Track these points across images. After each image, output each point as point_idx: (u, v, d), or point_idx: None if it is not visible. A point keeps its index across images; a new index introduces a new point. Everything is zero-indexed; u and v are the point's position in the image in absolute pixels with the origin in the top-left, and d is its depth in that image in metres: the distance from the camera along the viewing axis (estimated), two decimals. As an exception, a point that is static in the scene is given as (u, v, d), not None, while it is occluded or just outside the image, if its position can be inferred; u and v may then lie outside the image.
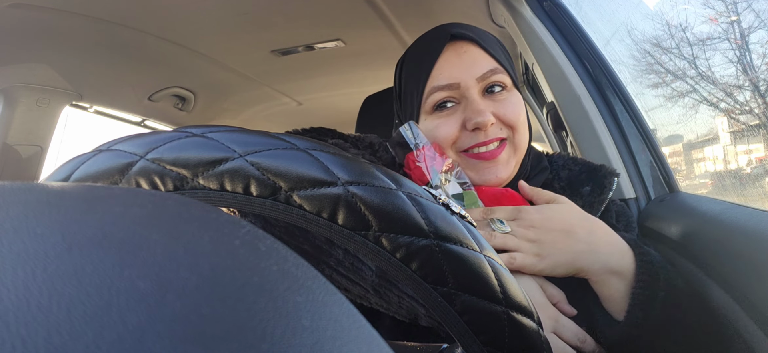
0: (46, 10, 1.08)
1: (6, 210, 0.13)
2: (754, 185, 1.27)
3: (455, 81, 0.66)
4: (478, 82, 0.67)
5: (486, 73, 0.66)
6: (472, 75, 0.66)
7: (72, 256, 0.11)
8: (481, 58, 0.68)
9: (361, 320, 0.14)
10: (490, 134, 0.66)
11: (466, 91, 0.66)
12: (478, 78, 0.67)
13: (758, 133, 1.25)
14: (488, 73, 0.67)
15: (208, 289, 0.11)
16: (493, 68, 0.67)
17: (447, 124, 0.67)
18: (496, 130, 0.66)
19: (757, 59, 1.16)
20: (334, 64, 1.58)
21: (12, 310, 0.09)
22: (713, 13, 1.23)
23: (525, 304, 0.25)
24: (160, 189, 0.24)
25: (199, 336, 0.10)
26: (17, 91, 1.37)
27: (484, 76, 0.66)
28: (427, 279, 0.24)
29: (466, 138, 0.66)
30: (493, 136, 0.66)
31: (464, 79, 0.66)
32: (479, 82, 0.67)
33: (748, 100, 1.21)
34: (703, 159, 1.42)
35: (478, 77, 0.66)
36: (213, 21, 1.24)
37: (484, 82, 0.67)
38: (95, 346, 0.09)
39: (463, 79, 0.66)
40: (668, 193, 0.88)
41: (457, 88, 0.67)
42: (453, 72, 0.67)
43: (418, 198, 0.24)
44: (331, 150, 0.25)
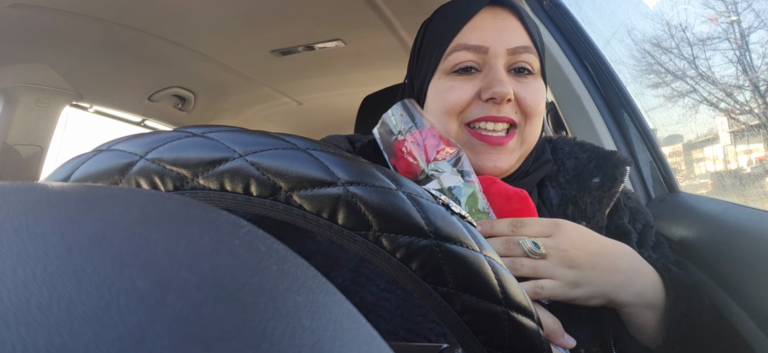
0: (46, 10, 1.08)
1: (6, 210, 0.13)
2: (754, 185, 1.27)
3: (485, 44, 0.60)
4: (508, 54, 0.61)
5: (519, 47, 0.61)
6: (504, 44, 0.60)
7: (72, 256, 0.11)
8: (518, 31, 0.62)
9: (361, 320, 0.14)
10: (503, 111, 0.59)
11: (492, 58, 0.60)
12: (509, 49, 0.60)
13: (758, 133, 1.25)
14: (521, 48, 0.61)
15: (208, 289, 0.11)
16: (527, 46, 0.61)
17: (462, 88, 0.60)
18: (510, 111, 0.60)
19: (757, 59, 1.16)
20: (334, 64, 1.58)
21: (12, 310, 0.09)
22: (713, 13, 1.23)
23: (525, 304, 0.25)
24: (160, 189, 0.24)
25: (199, 336, 0.10)
26: (17, 91, 1.37)
27: (516, 50, 0.61)
28: (427, 279, 0.24)
29: (477, 108, 0.60)
30: (505, 115, 0.59)
31: (495, 46, 0.60)
32: (509, 54, 0.61)
33: (748, 100, 1.21)
34: (703, 159, 1.42)
35: (509, 48, 0.60)
36: (213, 21, 1.24)
37: (513, 57, 0.61)
38: (95, 346, 0.09)
39: (493, 45, 0.60)
40: (668, 193, 0.88)
41: (484, 53, 0.61)
42: (485, 35, 0.61)
43: (418, 199, 0.24)
44: (331, 150, 0.25)
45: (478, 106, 0.60)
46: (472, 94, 0.60)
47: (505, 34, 0.61)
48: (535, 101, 0.60)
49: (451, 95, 0.61)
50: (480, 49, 0.60)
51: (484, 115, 0.59)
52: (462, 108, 0.60)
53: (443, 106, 0.61)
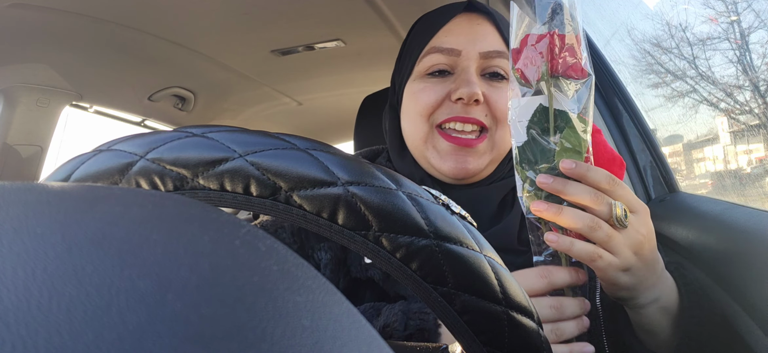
0: (46, 10, 1.08)
1: (6, 210, 0.13)
2: (754, 185, 1.27)
3: (458, 47, 0.62)
4: (480, 58, 0.62)
5: (491, 52, 0.62)
6: (477, 48, 0.62)
7: (72, 256, 0.11)
8: (492, 36, 0.63)
9: (361, 320, 0.14)
10: (472, 113, 0.59)
11: (464, 61, 0.61)
12: (481, 53, 0.62)
13: (758, 133, 1.25)
14: (493, 53, 0.62)
15: (208, 289, 0.11)
16: (501, 51, 0.62)
17: (433, 90, 0.62)
18: (479, 113, 0.60)
19: (757, 59, 1.16)
20: (334, 64, 1.58)
21: (12, 310, 0.09)
22: (713, 13, 1.23)
23: (525, 304, 0.25)
24: (160, 189, 0.24)
25: (199, 336, 0.10)
26: (17, 91, 1.37)
27: (489, 54, 0.62)
28: (427, 279, 0.24)
29: (445, 108, 0.61)
30: (473, 116, 0.59)
31: (467, 49, 0.61)
32: (481, 58, 0.62)
33: (748, 100, 1.21)
34: (703, 159, 1.42)
35: (482, 52, 0.62)
36: (213, 21, 1.24)
37: (486, 61, 0.62)
38: (95, 346, 0.09)
39: (465, 48, 0.62)
40: (668, 193, 0.88)
41: (457, 56, 0.62)
42: (459, 38, 0.62)
43: (418, 199, 0.24)
44: (331, 150, 0.25)
45: (447, 107, 0.61)
46: (442, 95, 0.61)
47: (478, 39, 0.62)
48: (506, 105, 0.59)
49: (423, 96, 0.62)
50: (452, 52, 0.62)
51: (452, 115, 0.60)
52: (432, 109, 0.61)
53: (415, 107, 0.62)
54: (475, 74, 0.61)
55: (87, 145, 0.27)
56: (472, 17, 0.64)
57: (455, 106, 0.60)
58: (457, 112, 0.60)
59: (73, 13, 1.12)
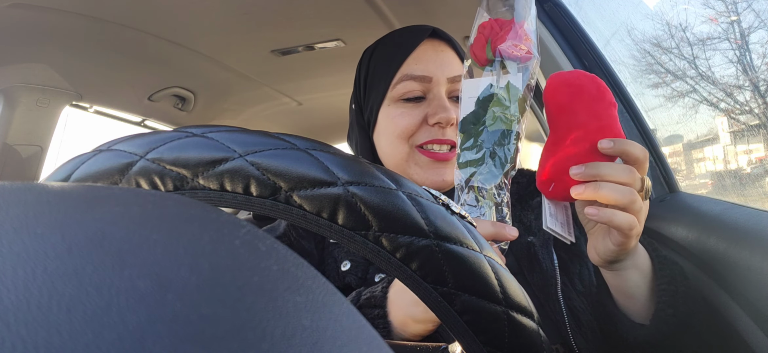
0: (46, 10, 1.08)
1: (6, 210, 0.13)
2: (754, 185, 1.27)
3: (429, 74, 0.68)
4: (449, 82, 0.69)
5: (456, 77, 0.69)
6: (445, 74, 0.68)
7: (72, 256, 0.11)
8: (455, 62, 0.71)
9: (361, 320, 0.14)
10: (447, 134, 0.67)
11: (435, 86, 0.68)
12: (449, 78, 0.69)
13: (758, 133, 1.24)
14: (457, 78, 0.69)
15: (208, 289, 0.11)
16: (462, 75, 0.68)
17: (411, 115, 0.68)
18: (452, 133, 0.67)
19: (757, 59, 1.16)
20: (334, 64, 1.58)
21: (12, 310, 0.09)
22: (713, 13, 1.23)
23: (525, 304, 0.25)
24: (160, 189, 0.24)
25: (199, 336, 0.10)
26: (17, 91, 1.37)
27: (455, 78, 0.69)
28: (427, 279, 0.24)
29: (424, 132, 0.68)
30: (448, 138, 0.67)
31: (437, 75, 0.68)
32: (449, 82, 0.69)
33: (748, 100, 1.21)
34: (703, 159, 1.42)
35: (449, 77, 0.69)
36: (213, 21, 1.24)
37: (452, 85, 0.69)
38: (95, 346, 0.09)
39: (435, 75, 0.68)
40: (668, 193, 0.88)
41: (428, 82, 0.68)
42: (429, 66, 0.69)
43: (418, 199, 0.24)
44: (331, 150, 0.25)
45: (425, 130, 0.68)
46: (419, 120, 0.68)
47: (445, 65, 0.69)
48: None
49: (402, 121, 0.68)
50: (424, 79, 0.68)
51: (431, 138, 0.67)
52: (412, 132, 0.68)
53: (395, 131, 0.69)
54: (446, 98, 0.68)
55: (87, 145, 0.27)
56: (437, 44, 0.71)
57: (433, 129, 0.67)
58: (435, 134, 0.67)
59: (73, 13, 1.12)
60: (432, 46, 0.70)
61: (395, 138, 0.69)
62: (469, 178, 0.54)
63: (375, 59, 0.74)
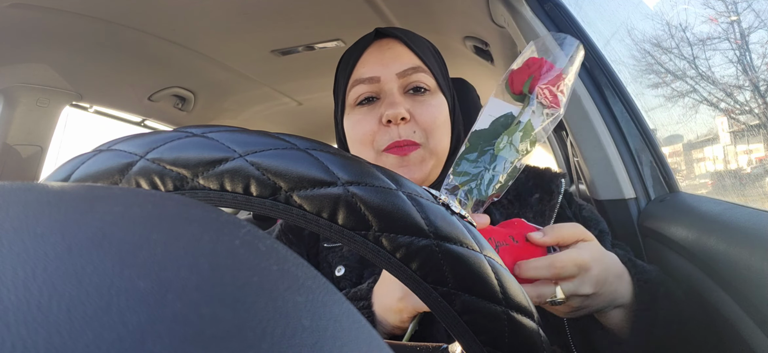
0: (46, 10, 1.08)
1: (6, 210, 0.13)
2: (754, 185, 1.27)
3: (376, 75, 0.67)
4: (399, 77, 0.67)
5: (407, 70, 0.67)
6: (393, 70, 0.67)
7: (72, 256, 0.11)
8: (405, 56, 0.69)
9: (361, 320, 0.14)
10: (403, 134, 0.65)
11: (385, 84, 0.67)
12: (398, 74, 0.67)
13: (758, 133, 1.24)
14: (409, 70, 0.67)
15: (208, 289, 0.11)
16: (416, 66, 0.67)
17: (366, 119, 0.67)
18: (409, 131, 0.65)
19: (757, 59, 1.16)
20: (334, 64, 1.58)
21: (12, 310, 0.09)
22: (713, 13, 1.23)
23: (525, 304, 0.25)
24: (160, 189, 0.24)
25: (199, 336, 0.10)
26: (17, 91, 1.37)
27: (405, 72, 0.67)
28: (427, 279, 0.24)
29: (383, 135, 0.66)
30: (406, 137, 0.65)
31: (384, 74, 0.67)
32: (399, 78, 0.67)
33: (748, 100, 1.21)
34: (703, 159, 1.42)
35: (398, 73, 0.67)
36: (213, 21, 1.24)
37: (404, 80, 0.67)
38: (95, 346, 0.09)
39: (383, 74, 0.67)
40: (668, 193, 0.88)
41: (377, 82, 0.67)
42: (375, 67, 0.68)
43: (418, 199, 0.24)
44: (331, 150, 0.25)
45: (383, 132, 0.66)
46: (375, 121, 0.67)
47: (391, 62, 0.68)
48: (430, 116, 0.66)
49: (360, 127, 0.67)
50: (372, 80, 0.67)
51: (390, 140, 0.65)
52: (372, 136, 0.67)
53: (356, 137, 0.68)
54: (398, 94, 0.67)
55: (87, 145, 0.27)
56: (383, 43, 0.70)
57: (390, 130, 0.66)
58: (394, 137, 0.65)
59: (73, 13, 1.12)
60: (378, 47, 0.70)
61: (359, 144, 0.68)
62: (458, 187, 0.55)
63: (338, 70, 0.75)
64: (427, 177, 0.68)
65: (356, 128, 0.68)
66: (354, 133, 0.69)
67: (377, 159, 0.67)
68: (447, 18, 1.32)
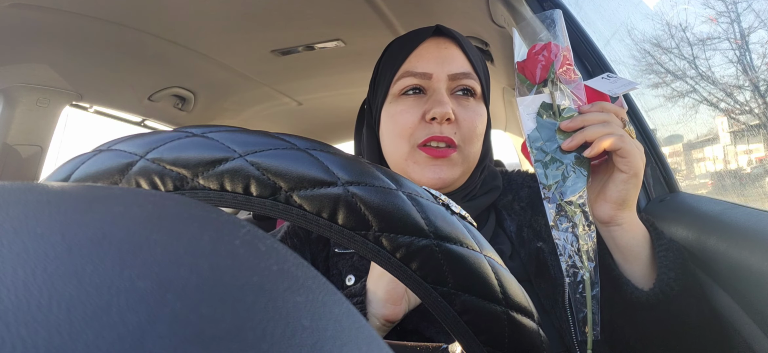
0: (46, 10, 1.08)
1: (6, 210, 0.13)
2: (754, 185, 1.27)
3: (429, 71, 0.67)
4: (450, 79, 0.68)
5: (459, 74, 0.68)
6: (446, 70, 0.67)
7: (72, 256, 0.11)
8: (459, 58, 0.69)
9: (360, 320, 0.14)
10: (445, 131, 0.65)
11: (436, 82, 0.67)
12: (450, 75, 0.67)
13: (758, 133, 1.24)
14: (461, 74, 0.68)
15: (208, 289, 0.11)
16: (467, 72, 0.68)
17: (409, 111, 0.67)
18: (450, 131, 0.66)
19: (757, 59, 1.16)
20: (334, 64, 1.58)
21: (12, 310, 0.09)
22: (713, 13, 1.23)
23: (525, 304, 0.25)
24: (160, 189, 0.24)
25: (199, 336, 0.10)
26: (17, 91, 1.37)
27: (457, 75, 0.68)
28: (427, 279, 0.24)
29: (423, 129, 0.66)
30: (446, 135, 0.65)
31: (437, 72, 0.67)
32: (451, 80, 0.68)
33: (748, 100, 1.21)
34: (703, 159, 1.42)
35: (451, 74, 0.67)
36: (213, 21, 1.24)
37: (455, 82, 0.68)
38: (95, 346, 0.09)
39: (436, 72, 0.67)
40: (668, 193, 0.87)
41: (428, 79, 0.68)
42: (430, 63, 0.68)
43: (418, 199, 0.24)
44: (331, 150, 0.25)
45: (423, 127, 0.66)
46: (418, 116, 0.67)
47: (446, 62, 0.68)
48: (472, 122, 0.67)
49: (401, 118, 0.67)
50: (424, 75, 0.67)
51: (429, 135, 0.66)
52: (411, 130, 0.67)
53: (395, 128, 0.68)
54: (445, 94, 0.67)
55: (87, 145, 0.27)
56: (440, 41, 0.70)
57: (431, 126, 0.66)
58: (434, 132, 0.65)
59: (73, 13, 1.12)
60: (435, 44, 0.70)
61: (396, 136, 0.68)
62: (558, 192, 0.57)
63: (383, 60, 0.75)
64: (455, 181, 0.68)
65: (397, 118, 0.68)
66: (393, 122, 0.68)
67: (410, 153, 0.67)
68: (447, 18, 1.32)
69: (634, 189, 0.57)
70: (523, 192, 0.73)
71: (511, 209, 0.71)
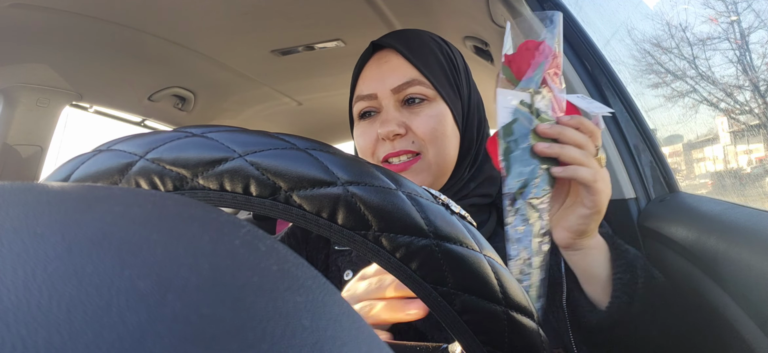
0: (46, 10, 1.08)
1: (6, 210, 0.13)
2: (754, 185, 1.27)
3: (372, 91, 0.68)
4: (393, 93, 0.68)
5: (402, 85, 0.67)
6: (387, 85, 0.68)
7: (72, 256, 0.11)
8: (401, 69, 0.68)
9: (360, 320, 0.14)
10: (398, 146, 0.66)
11: (382, 100, 0.68)
12: (393, 89, 0.67)
13: (758, 133, 1.25)
14: (404, 85, 0.67)
15: (208, 289, 0.11)
16: (411, 80, 0.67)
17: (367, 133, 0.69)
18: (406, 143, 0.66)
19: (757, 59, 1.16)
20: (334, 64, 1.58)
21: (12, 310, 0.09)
22: (713, 13, 1.23)
23: (525, 304, 0.25)
24: (160, 189, 0.24)
25: (199, 336, 0.10)
26: (17, 91, 1.37)
27: (399, 87, 0.67)
28: (426, 279, 0.24)
29: (381, 148, 0.68)
30: (401, 149, 0.66)
31: (380, 90, 0.68)
32: (394, 92, 0.68)
33: (748, 100, 1.21)
34: (703, 159, 1.42)
35: (392, 88, 0.67)
36: (213, 21, 1.24)
37: (400, 94, 0.68)
38: (95, 346, 0.09)
39: (379, 90, 0.68)
40: (668, 193, 0.88)
41: (374, 98, 0.69)
42: (372, 83, 0.69)
43: (418, 198, 0.24)
44: (331, 150, 0.25)
45: (381, 145, 0.68)
46: (374, 137, 0.68)
47: (387, 77, 0.68)
48: (427, 127, 0.66)
49: (362, 140, 0.70)
50: (371, 97, 0.69)
51: (387, 152, 0.67)
52: (372, 149, 0.69)
53: (360, 150, 0.71)
54: (393, 110, 0.68)
55: (87, 145, 0.27)
56: (380, 57, 0.71)
57: (386, 143, 0.67)
58: (388, 149, 0.67)
59: (73, 13, 1.12)
60: (375, 62, 0.70)
61: (362, 155, 0.70)
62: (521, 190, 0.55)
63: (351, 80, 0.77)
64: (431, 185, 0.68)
65: (359, 140, 0.71)
66: (358, 144, 0.72)
67: None
68: (447, 18, 1.32)
69: (595, 223, 0.56)
70: None
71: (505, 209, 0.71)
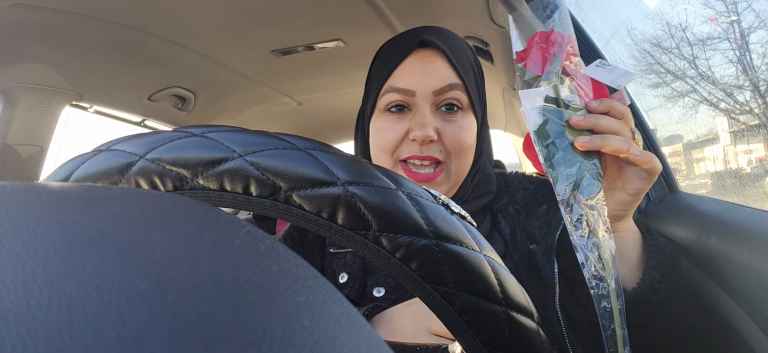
0: (46, 10, 1.08)
1: (6, 210, 0.13)
2: (754, 185, 1.27)
3: (412, 88, 0.66)
4: (434, 95, 0.66)
5: (443, 88, 0.66)
6: (429, 86, 0.66)
7: (72, 256, 0.11)
8: (444, 71, 0.67)
9: (360, 320, 0.14)
10: (426, 151, 0.64)
11: (420, 100, 0.66)
12: (434, 91, 0.66)
13: (758, 133, 1.25)
14: (446, 88, 0.66)
15: (208, 289, 0.11)
16: (453, 84, 0.66)
17: (393, 128, 0.66)
18: (434, 150, 0.65)
19: (757, 59, 1.16)
20: (334, 64, 1.58)
21: (12, 310, 0.09)
22: (713, 13, 1.23)
23: (525, 304, 0.25)
24: (160, 189, 0.24)
25: (199, 336, 0.10)
26: (17, 91, 1.37)
27: (441, 90, 0.66)
28: (426, 279, 0.24)
29: (406, 147, 0.66)
30: (428, 155, 0.64)
31: (420, 89, 0.66)
32: (435, 95, 0.66)
33: (748, 100, 1.21)
34: (703, 159, 1.42)
35: (434, 90, 0.66)
36: (213, 21, 1.24)
37: (440, 97, 0.66)
38: (95, 346, 0.09)
39: (419, 89, 0.66)
40: (668, 193, 0.88)
41: (411, 95, 0.66)
42: (413, 78, 0.66)
43: (418, 198, 0.24)
44: (331, 150, 0.25)
45: (407, 145, 0.66)
46: (402, 134, 0.66)
47: (430, 77, 0.66)
48: (458, 139, 0.65)
49: (385, 135, 0.67)
50: (407, 92, 0.66)
51: (412, 153, 0.65)
52: (395, 146, 0.66)
53: (379, 144, 0.68)
54: (429, 112, 0.66)
55: (87, 145, 0.27)
56: (425, 54, 0.68)
57: (414, 144, 0.65)
58: (415, 150, 0.65)
59: (73, 13, 1.12)
60: (419, 58, 0.67)
61: (380, 151, 0.68)
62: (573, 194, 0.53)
63: (373, 68, 0.74)
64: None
65: (381, 135, 0.67)
66: (378, 138, 0.68)
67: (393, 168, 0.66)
68: (447, 18, 1.32)
69: (633, 208, 0.56)
70: (518, 195, 0.72)
71: (505, 212, 0.71)
